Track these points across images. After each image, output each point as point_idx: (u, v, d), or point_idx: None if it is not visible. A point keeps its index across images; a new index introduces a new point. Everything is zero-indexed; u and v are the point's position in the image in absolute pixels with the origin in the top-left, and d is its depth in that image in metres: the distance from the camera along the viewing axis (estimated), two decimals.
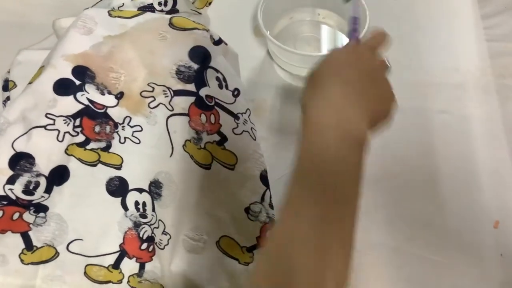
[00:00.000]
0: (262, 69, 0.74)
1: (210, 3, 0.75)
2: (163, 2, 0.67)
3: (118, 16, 0.62)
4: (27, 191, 0.55)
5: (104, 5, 0.67)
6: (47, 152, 0.56)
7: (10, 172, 0.55)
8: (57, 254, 0.55)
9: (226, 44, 0.65)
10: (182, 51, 0.59)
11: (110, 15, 0.62)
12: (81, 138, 0.57)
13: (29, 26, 0.75)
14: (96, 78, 0.59)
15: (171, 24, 0.61)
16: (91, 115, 0.58)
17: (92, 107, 0.58)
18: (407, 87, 0.71)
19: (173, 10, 0.68)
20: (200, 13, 0.73)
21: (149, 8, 0.65)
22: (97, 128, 0.58)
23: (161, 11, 0.66)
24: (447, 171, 0.64)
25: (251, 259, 0.56)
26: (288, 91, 0.72)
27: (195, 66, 0.59)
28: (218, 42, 0.63)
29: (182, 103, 0.58)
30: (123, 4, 0.65)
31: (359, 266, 0.58)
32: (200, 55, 0.60)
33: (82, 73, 0.59)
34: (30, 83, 0.60)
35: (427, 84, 0.71)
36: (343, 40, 0.73)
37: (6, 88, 0.64)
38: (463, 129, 0.67)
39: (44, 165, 0.56)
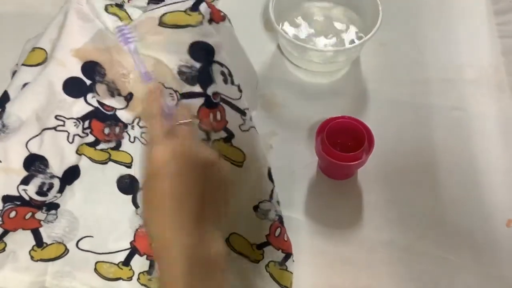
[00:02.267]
0: (273, 63, 0.73)
1: None
2: None
3: (114, 14, 0.57)
4: (41, 192, 0.54)
5: None
6: (59, 154, 0.55)
7: (24, 173, 0.54)
8: (66, 251, 0.54)
9: (217, 22, 0.58)
10: (181, 49, 0.55)
11: (106, 10, 0.57)
12: (90, 138, 0.56)
13: (37, 17, 0.73)
14: (107, 75, 0.56)
15: (162, 23, 0.55)
16: (100, 117, 0.57)
17: (102, 109, 0.57)
18: (419, 83, 0.70)
19: None
20: None
21: None
22: (106, 130, 0.57)
23: None
24: (459, 169, 0.63)
25: (261, 257, 0.56)
26: (299, 86, 0.71)
27: (197, 65, 0.55)
28: (210, 21, 0.57)
29: (190, 106, 0.56)
30: None
31: (371, 263, 0.57)
32: (202, 51, 0.55)
33: (92, 70, 0.56)
34: (23, 64, 0.57)
35: (440, 80, 0.70)
36: (349, 39, 0.72)
37: None
38: (476, 126, 0.66)
39: (57, 166, 0.55)
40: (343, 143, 0.60)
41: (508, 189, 0.61)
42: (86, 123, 0.56)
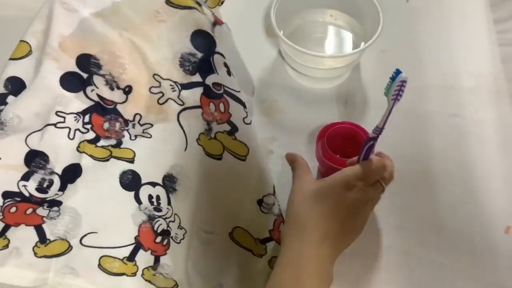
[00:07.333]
0: (274, 69, 0.73)
1: (222, 2, 0.75)
2: None
3: None
4: (41, 189, 0.55)
5: None
6: (59, 150, 0.56)
7: (25, 169, 0.55)
8: (70, 247, 0.54)
9: (220, 24, 0.60)
10: (183, 37, 0.55)
11: None
12: (91, 135, 0.57)
13: None
14: (103, 66, 0.56)
15: (169, 2, 0.56)
16: (100, 111, 0.57)
17: (102, 103, 0.57)
18: (419, 90, 0.71)
19: None
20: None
21: None
22: (106, 125, 0.57)
23: None
24: (458, 175, 0.64)
25: (265, 251, 0.56)
26: (299, 91, 0.71)
27: (199, 54, 0.56)
28: (214, 24, 0.59)
29: (193, 95, 0.56)
30: None
31: (370, 269, 0.57)
32: (205, 42, 0.56)
33: (87, 62, 0.56)
34: (10, 58, 0.58)
35: (439, 87, 0.71)
36: (350, 45, 0.73)
37: None
38: (475, 133, 0.67)
39: (57, 163, 0.55)
40: (343, 148, 0.60)
41: (506, 195, 0.62)
42: (87, 118, 0.56)
